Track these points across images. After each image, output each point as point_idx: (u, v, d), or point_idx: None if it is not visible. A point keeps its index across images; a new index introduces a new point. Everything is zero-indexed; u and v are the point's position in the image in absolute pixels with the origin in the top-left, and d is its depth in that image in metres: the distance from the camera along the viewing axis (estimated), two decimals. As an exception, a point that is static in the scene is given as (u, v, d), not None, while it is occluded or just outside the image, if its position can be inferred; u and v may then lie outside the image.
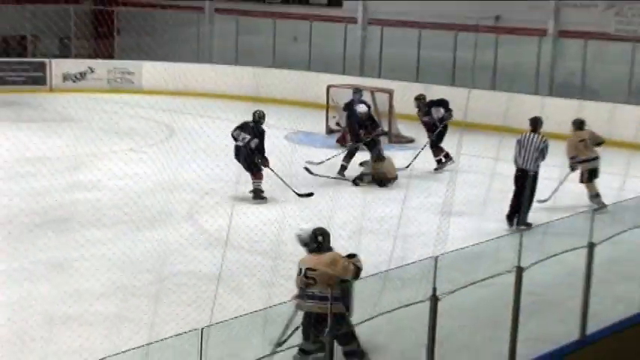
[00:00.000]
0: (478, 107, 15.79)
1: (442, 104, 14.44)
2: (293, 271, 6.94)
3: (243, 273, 9.04)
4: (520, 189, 11.04)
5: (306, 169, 13.48)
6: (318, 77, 19.66)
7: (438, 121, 14.31)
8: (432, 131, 14.36)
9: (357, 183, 13.24)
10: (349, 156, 13.71)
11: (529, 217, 11.02)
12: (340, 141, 15.93)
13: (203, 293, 8.15)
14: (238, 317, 5.78)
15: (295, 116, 16.96)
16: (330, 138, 16.57)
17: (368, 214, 11.22)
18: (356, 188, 13.06)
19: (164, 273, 8.91)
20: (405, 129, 16.90)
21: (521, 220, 10.97)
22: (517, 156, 11.18)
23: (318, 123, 17.32)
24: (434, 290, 5.86)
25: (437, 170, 14.26)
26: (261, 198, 12.10)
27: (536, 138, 11.12)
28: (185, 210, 11.52)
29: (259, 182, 12.14)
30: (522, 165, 11.11)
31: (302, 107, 19.15)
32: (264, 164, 12.04)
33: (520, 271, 6.47)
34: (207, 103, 18.98)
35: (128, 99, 19.69)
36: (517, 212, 11.04)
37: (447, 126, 14.36)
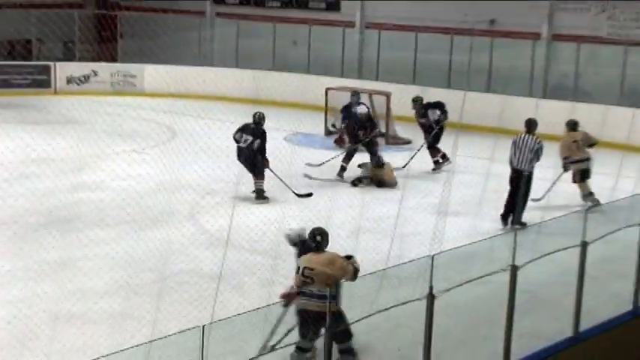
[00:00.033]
0: (473, 109, 15.72)
1: (438, 106, 14.49)
2: (292, 270, 6.96)
3: (243, 272, 9.07)
4: (515, 189, 11.09)
5: (306, 176, 13.55)
6: (317, 80, 19.64)
7: (434, 123, 14.37)
8: (429, 133, 14.41)
9: (356, 184, 13.34)
10: (348, 157, 13.78)
11: (523, 217, 11.05)
12: (338, 142, 15.99)
13: (204, 291, 8.18)
14: (239, 315, 5.80)
15: (295, 118, 16.92)
16: (329, 139, 16.57)
17: (366, 214, 11.21)
18: (354, 189, 13.12)
19: (166, 272, 8.95)
20: (402, 130, 16.89)
21: (515, 220, 11.03)
22: (512, 157, 11.23)
23: (317, 125, 17.29)
24: (430, 288, 5.92)
25: (434, 171, 14.33)
26: (263, 198, 12.15)
27: (530, 139, 11.16)
28: (187, 210, 11.54)
29: (261, 183, 12.18)
30: (517, 166, 11.17)
31: (301, 109, 19.11)
32: (264, 165, 12.10)
33: (514, 270, 6.53)
34: (208, 106, 18.93)
35: (131, 101, 19.70)
36: (511, 212, 11.09)
37: (444, 127, 14.41)
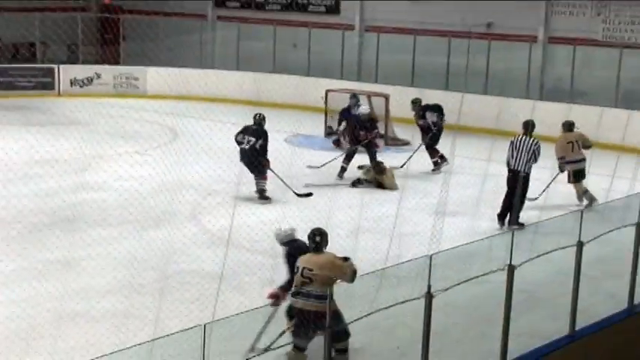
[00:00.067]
0: (471, 111, 15.83)
1: (436, 109, 14.58)
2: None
3: (244, 271, 9.11)
4: (512, 190, 11.14)
5: (310, 167, 13.75)
6: (316, 82, 19.70)
7: (432, 125, 14.47)
8: (427, 134, 14.52)
9: (356, 185, 13.40)
10: (348, 158, 13.91)
11: (521, 217, 11.10)
12: (335, 144, 16.08)
13: (206, 291, 8.22)
14: (240, 314, 5.85)
15: (295, 120, 16.90)
16: (329, 141, 16.63)
17: (365, 214, 11.23)
18: (354, 189, 13.18)
19: (168, 271, 8.98)
20: (401, 132, 16.95)
21: (513, 220, 11.08)
22: (509, 158, 11.30)
23: (317, 126, 17.32)
24: (428, 288, 5.97)
25: (434, 171, 14.40)
26: (265, 198, 12.22)
27: (528, 140, 11.24)
28: (188, 210, 11.59)
29: (264, 183, 12.25)
30: (515, 166, 11.23)
31: (301, 111, 19.16)
32: (265, 165, 12.15)
33: (512, 269, 6.60)
34: (209, 107, 19.08)
35: (133, 103, 19.82)
36: (508, 212, 11.15)
37: (442, 129, 14.50)
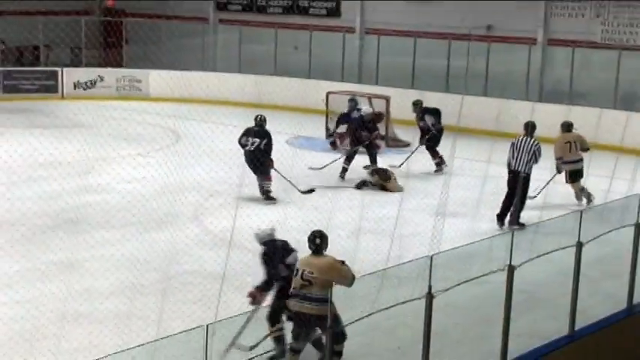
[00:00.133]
0: (471, 113, 15.86)
1: (433, 112, 14.65)
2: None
3: (246, 272, 8.93)
4: (512, 191, 11.21)
5: (311, 168, 13.85)
6: (317, 84, 19.77)
7: (431, 127, 14.53)
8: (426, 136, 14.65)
9: (360, 187, 13.41)
10: (349, 159, 14.01)
11: (521, 218, 11.16)
12: (332, 145, 16.15)
13: (208, 291, 8.23)
14: (242, 314, 5.93)
15: (296, 122, 16.76)
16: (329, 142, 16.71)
17: (366, 215, 11.27)
18: (354, 190, 13.23)
19: (171, 272, 9.04)
20: (402, 133, 16.99)
21: (513, 221, 11.14)
22: (510, 159, 11.36)
23: (318, 128, 17.33)
24: (429, 288, 6.02)
25: (436, 172, 14.47)
26: (271, 199, 12.26)
27: (529, 142, 11.29)
28: (191, 212, 11.64)
29: (269, 184, 12.29)
30: (515, 167, 11.30)
31: (302, 113, 19.21)
32: (269, 165, 12.19)
33: (511, 270, 6.64)
34: (211, 110, 19.19)
35: (136, 106, 19.84)
36: (507, 212, 11.22)
37: (442, 130, 14.56)
